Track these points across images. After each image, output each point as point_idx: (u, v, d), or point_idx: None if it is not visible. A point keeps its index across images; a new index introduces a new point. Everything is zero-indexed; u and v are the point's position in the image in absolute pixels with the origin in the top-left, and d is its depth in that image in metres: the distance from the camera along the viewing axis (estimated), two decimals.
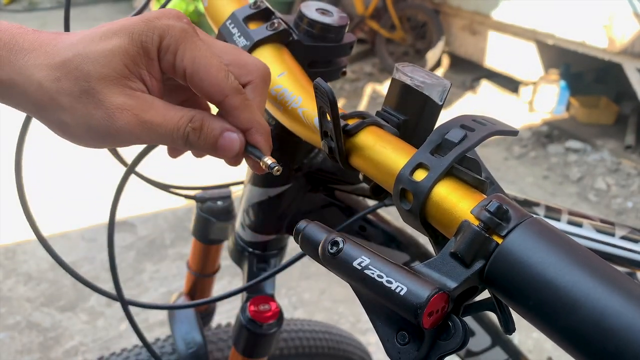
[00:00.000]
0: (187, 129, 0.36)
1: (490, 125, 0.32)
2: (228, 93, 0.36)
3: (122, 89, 0.34)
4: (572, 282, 0.25)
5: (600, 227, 0.54)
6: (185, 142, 0.36)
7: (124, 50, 0.34)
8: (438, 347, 0.29)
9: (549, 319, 0.26)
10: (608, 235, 0.52)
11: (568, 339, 0.25)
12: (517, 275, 0.27)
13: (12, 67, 0.34)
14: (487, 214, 0.28)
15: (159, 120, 0.35)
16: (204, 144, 0.37)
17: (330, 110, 0.34)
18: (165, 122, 0.35)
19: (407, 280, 0.28)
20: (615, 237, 0.52)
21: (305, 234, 0.34)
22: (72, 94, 0.34)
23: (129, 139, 0.35)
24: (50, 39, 0.35)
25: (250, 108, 0.37)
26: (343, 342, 0.94)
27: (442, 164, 0.31)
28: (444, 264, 0.29)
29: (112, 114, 0.34)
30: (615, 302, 0.24)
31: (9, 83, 0.34)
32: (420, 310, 0.27)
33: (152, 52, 0.35)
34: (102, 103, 0.34)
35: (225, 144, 0.37)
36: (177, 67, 0.36)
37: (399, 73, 0.36)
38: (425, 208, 0.31)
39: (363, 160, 0.36)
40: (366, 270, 0.30)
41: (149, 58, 0.35)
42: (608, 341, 0.24)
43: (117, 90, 0.34)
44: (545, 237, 0.27)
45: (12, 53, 0.34)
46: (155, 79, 0.36)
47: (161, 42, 0.35)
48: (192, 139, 0.36)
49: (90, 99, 0.34)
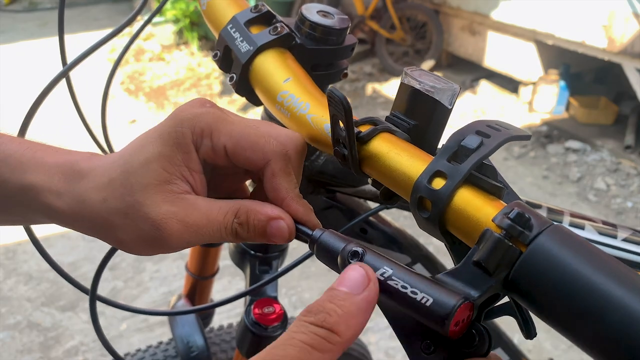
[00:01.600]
0: (233, 225, 0.36)
1: (505, 130, 0.32)
2: (271, 157, 0.36)
3: (164, 195, 0.35)
4: (599, 289, 0.25)
5: (602, 229, 0.54)
6: (235, 237, 0.37)
7: (158, 154, 0.35)
8: (463, 355, 0.29)
9: (576, 325, 0.26)
10: (610, 237, 0.52)
11: (596, 346, 0.26)
12: (542, 283, 0.27)
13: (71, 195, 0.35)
14: (509, 222, 0.28)
15: (204, 222, 0.35)
16: (253, 235, 0.37)
17: (344, 119, 0.34)
18: (210, 224, 0.35)
19: (432, 290, 0.29)
20: (618, 239, 0.52)
21: (321, 243, 0.34)
22: (120, 212, 0.35)
23: (181, 244, 0.36)
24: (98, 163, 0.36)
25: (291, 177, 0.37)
26: None
27: (460, 172, 0.31)
28: (467, 273, 0.29)
29: (158, 224, 0.34)
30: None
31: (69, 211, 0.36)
32: (447, 321, 0.27)
33: (187, 146, 0.35)
34: (148, 215, 0.34)
35: (273, 232, 0.36)
36: (216, 147, 0.36)
37: (408, 78, 0.36)
38: (445, 216, 0.31)
39: (377, 167, 0.36)
40: (389, 281, 0.30)
41: (184, 152, 0.35)
42: (638, 347, 0.24)
43: (160, 198, 0.35)
44: (568, 243, 0.27)
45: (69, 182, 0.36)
46: (196, 172, 0.36)
47: (193, 132, 0.36)
48: (241, 233, 0.36)
49: (136, 213, 0.35)
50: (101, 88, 0.62)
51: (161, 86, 4.23)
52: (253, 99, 0.47)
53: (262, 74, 0.44)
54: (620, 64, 3.04)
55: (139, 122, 3.63)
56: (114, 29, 0.53)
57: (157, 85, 4.23)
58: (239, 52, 0.44)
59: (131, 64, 4.58)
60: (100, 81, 0.60)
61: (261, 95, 0.45)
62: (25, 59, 4.66)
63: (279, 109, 0.42)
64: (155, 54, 4.74)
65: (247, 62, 0.44)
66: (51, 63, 4.42)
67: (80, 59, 0.50)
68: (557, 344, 1.86)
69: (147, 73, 4.44)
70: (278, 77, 0.43)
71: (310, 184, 0.60)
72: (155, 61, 4.64)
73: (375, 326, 1.90)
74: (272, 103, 0.43)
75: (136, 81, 4.30)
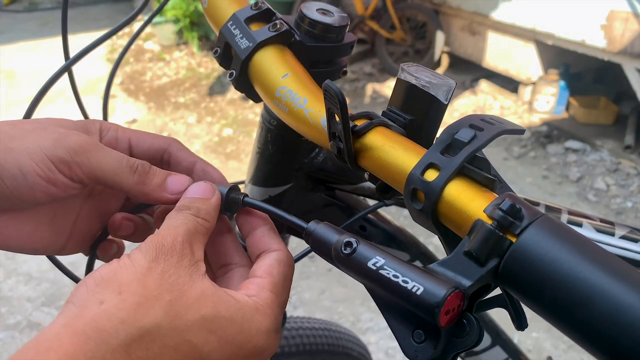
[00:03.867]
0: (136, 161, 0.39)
1: (498, 124, 0.33)
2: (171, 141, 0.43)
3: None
4: (587, 278, 0.26)
5: (600, 226, 0.54)
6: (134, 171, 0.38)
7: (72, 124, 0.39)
8: (454, 344, 0.30)
9: (565, 315, 0.26)
10: (608, 235, 0.53)
11: (584, 335, 0.26)
12: (532, 273, 0.27)
13: None
14: (500, 213, 0.28)
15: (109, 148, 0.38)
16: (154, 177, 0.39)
17: (340, 112, 0.34)
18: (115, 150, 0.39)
19: (423, 279, 0.29)
20: (615, 236, 0.52)
21: (315, 235, 0.35)
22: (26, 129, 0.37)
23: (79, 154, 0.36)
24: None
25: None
26: (342, 339, 0.95)
27: (453, 164, 0.31)
28: (458, 263, 0.29)
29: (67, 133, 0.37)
30: (629, 296, 0.25)
31: None
32: (437, 309, 0.28)
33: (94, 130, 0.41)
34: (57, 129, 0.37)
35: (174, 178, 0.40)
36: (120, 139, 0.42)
37: (405, 73, 0.37)
38: (437, 207, 0.31)
39: (372, 160, 0.36)
40: (381, 270, 0.30)
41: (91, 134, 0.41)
42: (624, 336, 0.24)
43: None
44: (558, 234, 0.27)
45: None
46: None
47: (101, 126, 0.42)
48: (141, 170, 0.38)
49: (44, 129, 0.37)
50: (101, 88, 0.62)
51: (161, 86, 4.23)
52: (252, 95, 0.47)
53: (261, 70, 0.44)
54: (620, 64, 3.05)
55: (139, 122, 3.63)
56: (115, 27, 0.53)
57: (157, 86, 4.24)
58: (239, 49, 0.45)
59: (131, 64, 4.59)
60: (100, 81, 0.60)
61: (260, 91, 0.45)
62: (25, 59, 4.66)
63: (277, 104, 0.43)
64: (155, 54, 4.75)
65: (247, 58, 0.44)
66: (51, 63, 4.42)
67: (81, 56, 0.51)
68: (557, 344, 1.86)
69: (147, 73, 4.44)
70: (277, 73, 0.43)
71: (309, 182, 0.60)
72: (155, 61, 4.64)
73: (375, 326, 1.90)
74: (270, 98, 0.44)
75: (136, 81, 4.30)
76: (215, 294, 0.32)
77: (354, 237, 0.32)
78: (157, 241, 0.32)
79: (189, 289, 0.31)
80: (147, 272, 0.30)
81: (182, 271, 0.31)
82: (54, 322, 0.29)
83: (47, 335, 0.27)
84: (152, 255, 0.31)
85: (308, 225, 0.36)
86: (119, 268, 0.31)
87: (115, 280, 0.30)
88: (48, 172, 0.35)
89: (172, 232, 0.33)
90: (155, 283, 0.30)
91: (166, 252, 0.32)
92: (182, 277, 0.31)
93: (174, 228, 0.34)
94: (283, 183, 0.59)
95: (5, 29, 5.59)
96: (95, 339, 0.27)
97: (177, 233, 0.33)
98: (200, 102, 3.94)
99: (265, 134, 0.56)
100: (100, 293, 0.29)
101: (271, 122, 0.55)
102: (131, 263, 0.31)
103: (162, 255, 0.31)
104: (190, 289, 0.31)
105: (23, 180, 0.35)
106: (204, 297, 0.31)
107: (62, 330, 0.27)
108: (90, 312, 0.28)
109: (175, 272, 0.31)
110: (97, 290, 0.29)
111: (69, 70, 0.53)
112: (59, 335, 0.27)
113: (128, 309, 0.28)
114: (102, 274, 0.30)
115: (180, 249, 0.32)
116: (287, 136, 0.55)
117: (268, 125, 0.55)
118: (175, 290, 0.30)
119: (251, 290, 0.34)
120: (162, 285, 0.30)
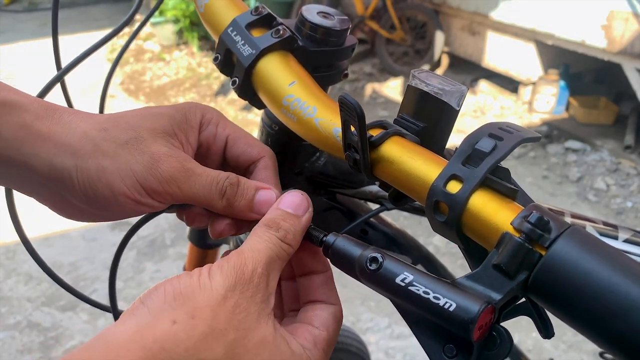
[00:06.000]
0: (225, 182, 0.38)
1: (516, 133, 0.32)
2: (265, 153, 0.43)
3: (167, 141, 0.38)
4: (620, 289, 0.26)
5: (603, 230, 0.54)
6: (221, 197, 0.38)
7: (170, 115, 0.39)
8: (485, 357, 0.30)
9: (599, 326, 0.26)
10: (611, 238, 0.52)
11: (618, 345, 0.26)
12: (563, 285, 0.27)
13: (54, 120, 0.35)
14: (528, 226, 0.28)
15: (200, 170, 0.38)
16: (242, 199, 0.38)
17: (357, 125, 0.34)
18: (205, 174, 0.38)
19: (454, 295, 0.29)
20: (619, 240, 0.52)
21: (335, 249, 0.34)
22: (118, 141, 0.36)
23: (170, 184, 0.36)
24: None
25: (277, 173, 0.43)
26: (341, 335, 0.95)
27: (476, 175, 0.31)
28: (487, 276, 0.29)
29: (158, 158, 0.36)
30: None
31: (47, 134, 0.35)
32: (472, 325, 0.28)
33: (194, 122, 0.40)
34: (148, 149, 0.36)
35: (261, 199, 0.39)
36: (219, 135, 0.42)
37: (416, 80, 0.36)
38: (461, 220, 0.31)
39: (390, 171, 0.36)
40: (411, 287, 0.30)
41: (190, 126, 0.40)
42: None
43: (163, 142, 0.37)
44: (587, 245, 0.27)
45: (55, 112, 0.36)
46: (192, 147, 0.40)
47: (203, 116, 0.41)
48: (230, 194, 0.38)
49: (136, 146, 0.36)
50: (100, 88, 0.62)
51: (161, 86, 4.23)
52: (256, 102, 0.46)
53: (266, 78, 0.43)
54: (620, 64, 3.04)
55: None
56: (109, 32, 0.51)
57: (156, 86, 4.23)
58: (241, 56, 0.44)
59: (131, 64, 4.58)
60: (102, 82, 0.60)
61: (265, 99, 0.44)
62: (25, 59, 4.65)
63: (285, 112, 0.42)
64: (155, 54, 4.75)
65: (250, 65, 0.43)
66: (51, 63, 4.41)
67: (75, 64, 0.50)
68: (557, 344, 1.86)
69: (147, 73, 4.44)
70: (283, 81, 0.42)
71: (310, 186, 0.60)
72: (155, 61, 4.64)
73: (375, 326, 1.90)
74: (277, 107, 0.43)
75: (136, 81, 4.30)
76: (274, 342, 0.31)
77: (379, 252, 0.32)
78: (239, 267, 0.32)
79: (254, 330, 0.31)
80: (222, 301, 0.30)
81: (253, 307, 0.31)
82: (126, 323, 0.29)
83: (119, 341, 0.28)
84: (231, 283, 0.31)
85: (327, 238, 0.35)
86: (198, 288, 0.30)
87: (191, 301, 0.30)
88: (139, 196, 0.36)
89: (255, 259, 0.33)
90: (225, 317, 0.30)
91: (244, 283, 0.31)
92: (251, 314, 0.31)
93: (257, 252, 0.33)
94: (284, 187, 0.58)
95: (5, 29, 5.59)
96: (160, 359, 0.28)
97: (259, 261, 0.32)
98: (200, 102, 3.94)
99: (266, 138, 0.56)
100: (175, 310, 0.29)
101: (272, 127, 0.54)
102: (210, 285, 0.30)
103: (239, 285, 0.31)
104: (254, 331, 0.31)
105: (114, 200, 0.36)
106: (264, 343, 0.31)
107: (134, 339, 0.28)
108: (161, 329, 0.28)
109: (246, 309, 0.31)
110: (173, 306, 0.29)
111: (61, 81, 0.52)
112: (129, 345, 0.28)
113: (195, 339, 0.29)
114: (181, 288, 0.30)
115: (257, 282, 0.32)
116: (287, 140, 0.54)
117: (268, 130, 0.55)
118: (241, 330, 0.30)
119: (308, 342, 0.34)
120: (231, 321, 0.30)
